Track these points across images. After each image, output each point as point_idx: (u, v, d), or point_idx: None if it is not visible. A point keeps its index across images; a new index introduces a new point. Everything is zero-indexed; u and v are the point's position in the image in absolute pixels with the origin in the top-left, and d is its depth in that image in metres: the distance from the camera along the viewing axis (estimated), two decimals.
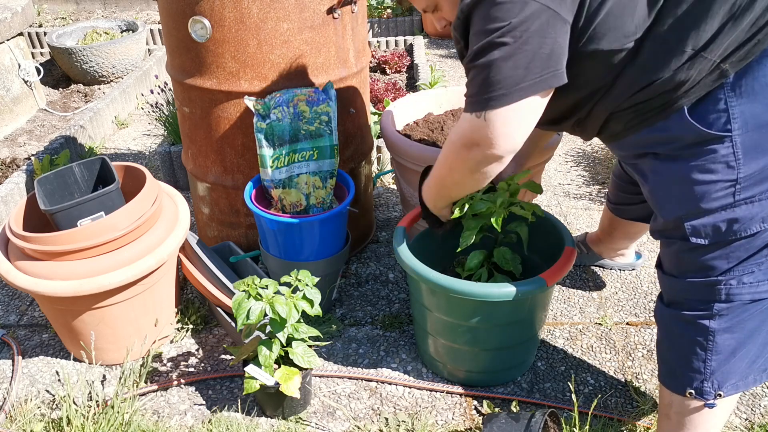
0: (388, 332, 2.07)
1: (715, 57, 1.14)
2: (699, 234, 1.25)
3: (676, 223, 1.28)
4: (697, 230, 1.25)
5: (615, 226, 2.14)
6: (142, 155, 3.43)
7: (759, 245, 1.23)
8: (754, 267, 1.25)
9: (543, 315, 1.78)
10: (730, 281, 1.26)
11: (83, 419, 1.71)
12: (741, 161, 1.17)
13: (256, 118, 1.91)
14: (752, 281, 1.25)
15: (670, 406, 1.44)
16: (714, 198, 1.21)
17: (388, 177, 3.01)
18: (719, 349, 1.31)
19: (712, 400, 1.35)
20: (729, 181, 1.19)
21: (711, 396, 1.35)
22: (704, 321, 1.30)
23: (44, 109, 3.98)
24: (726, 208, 1.21)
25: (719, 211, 1.22)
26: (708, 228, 1.23)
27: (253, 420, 1.77)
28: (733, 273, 1.26)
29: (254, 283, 1.61)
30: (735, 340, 1.30)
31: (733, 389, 1.35)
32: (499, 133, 1.22)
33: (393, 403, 1.81)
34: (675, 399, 1.42)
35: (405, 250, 1.69)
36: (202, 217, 2.40)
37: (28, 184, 2.86)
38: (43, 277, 1.74)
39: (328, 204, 2.07)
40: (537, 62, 1.15)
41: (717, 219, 1.22)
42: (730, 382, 1.34)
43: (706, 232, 1.24)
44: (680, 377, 1.39)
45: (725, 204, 1.21)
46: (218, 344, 2.05)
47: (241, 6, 1.85)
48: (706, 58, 1.14)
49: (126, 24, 4.58)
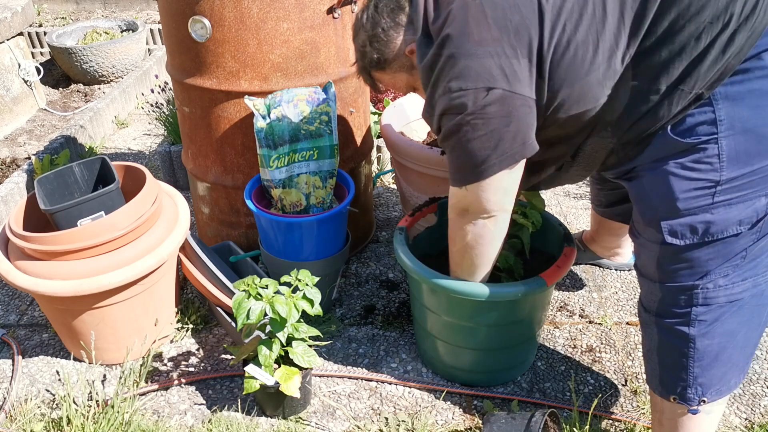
0: (388, 332, 2.07)
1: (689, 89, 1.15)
2: (675, 234, 1.24)
3: (654, 223, 1.27)
4: (674, 230, 1.24)
5: (600, 225, 2.18)
6: (142, 155, 3.43)
7: (735, 248, 1.22)
8: (729, 270, 1.24)
9: (543, 315, 1.78)
10: (707, 285, 1.25)
11: (83, 419, 1.71)
12: (725, 164, 1.17)
13: (256, 118, 1.91)
14: (727, 283, 1.25)
15: (662, 413, 1.44)
16: (693, 197, 1.21)
17: (388, 177, 3.00)
18: (700, 355, 1.30)
19: (696, 406, 1.35)
20: (710, 182, 1.19)
21: (695, 402, 1.34)
22: (683, 328, 1.30)
23: (44, 109, 3.98)
24: (704, 209, 1.20)
25: (697, 211, 1.21)
26: (685, 228, 1.23)
27: (253, 420, 1.77)
28: (709, 276, 1.25)
29: (254, 283, 1.61)
30: (716, 345, 1.29)
31: (717, 395, 1.34)
32: (483, 199, 1.33)
33: (393, 403, 1.81)
34: (666, 405, 1.41)
35: (405, 250, 1.69)
36: (202, 217, 2.40)
37: (28, 184, 2.86)
38: (43, 277, 1.74)
39: (328, 204, 2.07)
40: (505, 140, 1.23)
41: (694, 220, 1.22)
42: (714, 387, 1.33)
43: (683, 232, 1.23)
44: (665, 383, 1.38)
45: (703, 205, 1.20)
46: (218, 344, 2.05)
47: (241, 6, 1.85)
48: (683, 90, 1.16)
49: (126, 24, 4.58)
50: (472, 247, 1.46)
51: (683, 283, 1.28)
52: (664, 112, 1.18)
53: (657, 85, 1.17)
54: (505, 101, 1.19)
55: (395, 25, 1.43)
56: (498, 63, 1.17)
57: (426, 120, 1.36)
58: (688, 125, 1.19)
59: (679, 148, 1.21)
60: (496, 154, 1.24)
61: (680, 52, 1.13)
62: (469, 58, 1.18)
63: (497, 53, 1.17)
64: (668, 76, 1.15)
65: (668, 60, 1.15)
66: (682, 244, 1.24)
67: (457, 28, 1.19)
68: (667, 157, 1.23)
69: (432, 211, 1.90)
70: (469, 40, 1.18)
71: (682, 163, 1.21)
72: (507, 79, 1.18)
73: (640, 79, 1.18)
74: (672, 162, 1.22)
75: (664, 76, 1.16)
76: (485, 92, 1.19)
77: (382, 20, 1.43)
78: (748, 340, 1.33)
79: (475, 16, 1.18)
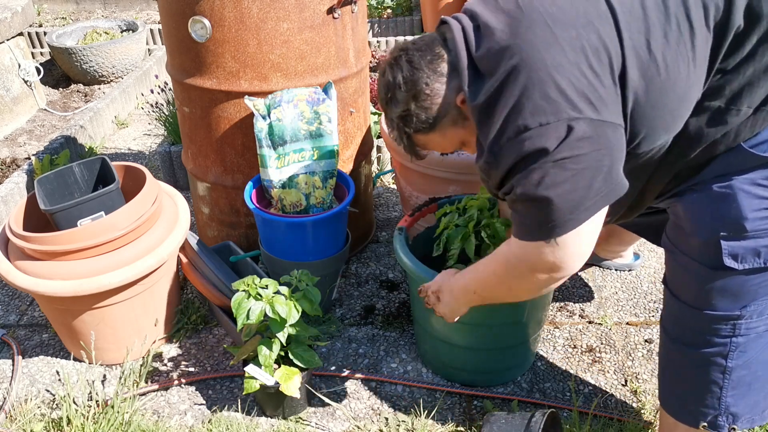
0: (388, 332, 2.07)
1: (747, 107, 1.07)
2: (736, 257, 1.12)
3: (711, 243, 1.14)
4: (735, 253, 1.12)
5: (611, 233, 2.13)
6: (142, 155, 3.43)
7: None
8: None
9: (543, 315, 1.78)
10: (752, 315, 1.17)
11: (83, 419, 1.71)
12: None
13: (256, 118, 1.91)
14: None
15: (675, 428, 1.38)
16: (763, 218, 1.10)
17: (388, 177, 3.01)
18: (735, 384, 1.22)
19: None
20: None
21: (725, 430, 1.28)
22: (720, 359, 1.20)
23: (44, 109, 3.98)
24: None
25: (763, 234, 1.10)
26: (748, 252, 1.11)
27: (253, 420, 1.77)
28: (754, 306, 1.16)
29: (254, 283, 1.61)
30: (751, 375, 1.22)
31: (748, 423, 1.28)
32: (570, 253, 1.13)
33: (393, 403, 1.81)
34: (681, 427, 1.35)
35: (405, 250, 1.69)
36: (202, 217, 2.40)
37: (28, 184, 2.86)
38: (43, 277, 1.74)
39: (328, 204, 2.07)
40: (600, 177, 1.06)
41: (759, 243, 1.10)
42: (746, 416, 1.27)
43: (744, 256, 1.12)
44: (693, 412, 1.30)
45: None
46: (218, 344, 2.05)
47: (241, 6, 1.85)
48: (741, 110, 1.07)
49: (126, 24, 4.58)
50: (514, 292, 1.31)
51: (727, 312, 1.17)
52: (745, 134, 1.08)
53: (738, 106, 1.07)
54: (595, 131, 1.02)
55: (437, 75, 1.19)
56: (580, 89, 1.02)
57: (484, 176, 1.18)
58: (764, 138, 1.09)
59: (751, 163, 1.10)
60: (590, 196, 1.06)
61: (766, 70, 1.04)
62: (545, 86, 1.02)
63: (577, 78, 1.02)
64: (752, 96, 1.06)
65: (752, 79, 1.06)
66: (740, 268, 1.13)
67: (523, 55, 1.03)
68: (734, 172, 1.12)
69: (432, 211, 1.90)
70: (541, 66, 1.02)
71: (753, 179, 1.10)
72: (593, 106, 1.02)
73: (720, 99, 1.08)
74: (740, 177, 1.11)
75: (747, 96, 1.06)
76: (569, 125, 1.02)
77: (423, 74, 1.19)
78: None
79: (543, 38, 1.03)
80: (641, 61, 1.03)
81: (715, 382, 1.24)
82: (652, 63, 1.03)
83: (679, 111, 1.07)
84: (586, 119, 1.01)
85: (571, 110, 1.01)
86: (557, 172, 1.04)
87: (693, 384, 1.29)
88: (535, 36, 1.03)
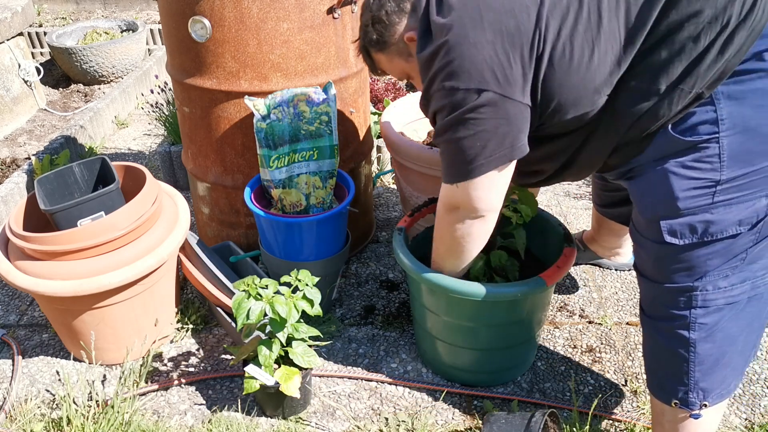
0: (388, 332, 2.07)
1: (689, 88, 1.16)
2: (675, 234, 1.24)
3: (653, 222, 1.27)
4: (673, 230, 1.24)
5: (601, 224, 2.19)
6: (142, 155, 3.43)
7: (734, 249, 1.22)
8: (728, 270, 1.24)
9: (543, 315, 1.78)
10: (706, 286, 1.25)
11: (83, 419, 1.71)
12: (725, 163, 1.17)
13: (256, 118, 1.91)
14: (726, 285, 1.25)
15: (663, 414, 1.44)
16: (693, 197, 1.21)
17: (388, 177, 3.01)
18: (701, 359, 1.30)
19: (698, 410, 1.35)
20: (710, 181, 1.19)
21: (696, 407, 1.35)
22: (683, 331, 1.30)
23: (44, 109, 3.98)
24: (703, 208, 1.20)
25: (696, 211, 1.21)
26: (684, 228, 1.23)
27: (253, 420, 1.77)
28: (708, 278, 1.25)
29: (254, 283, 1.61)
30: (716, 348, 1.29)
31: (718, 398, 1.35)
32: (473, 197, 1.35)
33: (393, 403, 1.81)
34: (666, 409, 1.41)
35: (404, 250, 1.69)
36: (202, 217, 2.40)
37: (28, 184, 2.86)
38: (43, 277, 1.74)
39: (328, 204, 2.07)
40: (493, 142, 1.26)
41: (693, 219, 1.22)
42: (715, 391, 1.34)
43: (682, 232, 1.23)
44: (666, 388, 1.38)
45: (703, 204, 1.20)
46: (218, 344, 2.05)
47: (241, 6, 1.85)
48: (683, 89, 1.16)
49: (126, 24, 4.59)
50: (458, 243, 1.49)
51: (682, 284, 1.27)
52: (665, 111, 1.19)
53: (657, 85, 1.17)
54: (495, 104, 1.22)
55: (399, 10, 1.45)
56: (490, 66, 1.20)
57: (422, 109, 1.40)
58: (689, 124, 1.19)
59: (680, 146, 1.21)
60: (483, 155, 1.28)
61: (679, 52, 1.14)
62: (463, 59, 1.22)
63: (490, 56, 1.20)
64: (668, 76, 1.16)
65: (668, 60, 1.15)
66: (681, 243, 1.24)
67: (455, 29, 1.22)
68: (667, 156, 1.23)
69: (432, 211, 1.90)
70: (464, 42, 1.21)
71: (683, 162, 1.21)
72: (499, 83, 1.21)
73: (639, 79, 1.19)
74: (672, 161, 1.22)
75: (663, 76, 1.16)
76: (477, 94, 1.22)
77: (388, 3, 1.46)
78: (747, 344, 1.32)
79: (472, 17, 1.21)
80: (552, 45, 1.20)
81: (683, 356, 1.32)
82: (560, 47, 1.19)
83: (584, 89, 1.22)
84: (490, 92, 1.22)
85: (480, 81, 1.22)
86: (460, 128, 1.27)
87: (665, 361, 1.37)
88: (467, 16, 1.22)
